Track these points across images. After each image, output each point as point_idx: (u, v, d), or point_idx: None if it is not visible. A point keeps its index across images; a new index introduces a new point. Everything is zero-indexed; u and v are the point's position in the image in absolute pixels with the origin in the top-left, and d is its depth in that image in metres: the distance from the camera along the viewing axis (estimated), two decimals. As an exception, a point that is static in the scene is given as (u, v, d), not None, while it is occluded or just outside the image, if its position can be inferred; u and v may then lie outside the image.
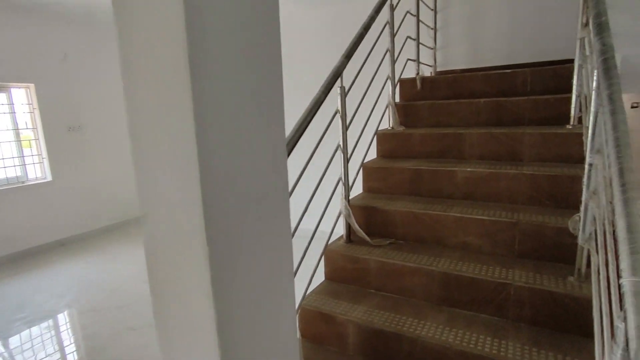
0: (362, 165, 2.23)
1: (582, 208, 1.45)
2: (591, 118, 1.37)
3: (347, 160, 1.89)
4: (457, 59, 3.38)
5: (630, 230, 0.81)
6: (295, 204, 1.11)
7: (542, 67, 2.43)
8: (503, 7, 3.12)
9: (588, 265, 1.48)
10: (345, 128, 1.85)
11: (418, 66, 2.84)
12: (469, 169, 1.97)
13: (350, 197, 2.05)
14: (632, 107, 3.81)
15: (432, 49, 3.28)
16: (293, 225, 1.56)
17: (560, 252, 1.61)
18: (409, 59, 2.79)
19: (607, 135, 1.04)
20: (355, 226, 1.90)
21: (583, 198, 1.43)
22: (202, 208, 0.63)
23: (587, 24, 1.99)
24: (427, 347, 1.44)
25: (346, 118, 1.85)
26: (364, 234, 1.92)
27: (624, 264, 0.77)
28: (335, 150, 1.85)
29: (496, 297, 1.53)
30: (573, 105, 2.06)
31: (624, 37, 2.55)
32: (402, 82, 2.79)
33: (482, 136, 2.14)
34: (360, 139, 2.12)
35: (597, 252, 1.43)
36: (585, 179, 1.41)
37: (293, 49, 4.07)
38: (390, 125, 2.52)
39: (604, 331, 1.09)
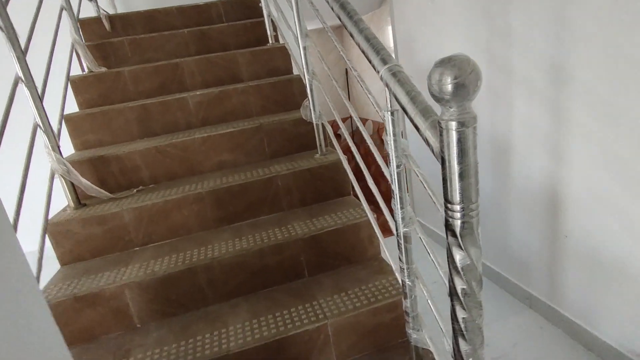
0: (64, 117, 1.70)
1: (307, 91, 1.62)
2: (293, 4, 1.50)
3: (39, 98, 1.36)
4: (138, 2, 3.03)
5: (367, 38, 0.91)
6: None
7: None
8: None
9: (325, 143, 1.70)
10: (22, 52, 1.31)
11: (97, 6, 2.38)
12: (199, 92, 1.85)
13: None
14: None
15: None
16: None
17: (303, 140, 1.78)
18: (82, -5, 2.28)
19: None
20: (84, 181, 1.44)
21: (307, 82, 1.60)
22: None
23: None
24: (225, 264, 1.29)
25: (18, 38, 1.30)
26: (100, 189, 1.49)
27: (375, 61, 0.87)
28: (15, 86, 1.29)
29: (268, 194, 1.54)
30: (267, 26, 2.27)
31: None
32: (83, 23, 2.27)
33: (199, 63, 2.04)
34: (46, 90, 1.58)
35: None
36: (303, 62, 1.57)
37: None
38: (86, 69, 2.02)
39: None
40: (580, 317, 1.82)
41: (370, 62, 0.89)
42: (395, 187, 0.92)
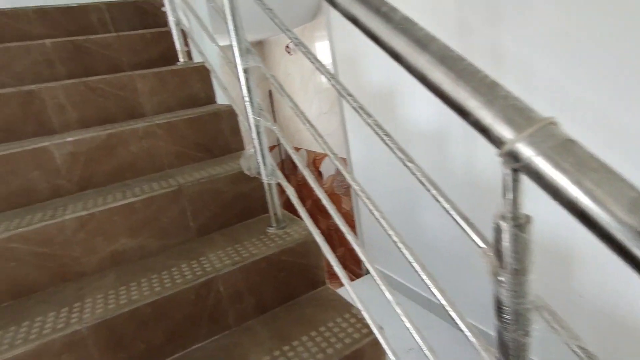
0: None
1: (254, 137, 1.07)
2: (227, 5, 0.95)
3: None
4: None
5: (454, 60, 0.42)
6: None
7: (119, 1, 1.85)
8: None
9: (284, 205, 1.16)
10: None
11: None
12: (70, 139, 1.17)
13: None
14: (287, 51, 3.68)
15: None
16: None
17: (245, 203, 1.22)
18: None
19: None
20: None
21: (251, 121, 1.05)
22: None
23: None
24: None
25: None
26: None
27: (490, 113, 0.38)
28: None
29: (205, 308, 0.94)
30: (176, 38, 1.65)
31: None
32: None
33: (72, 90, 1.34)
34: None
35: (289, 180, 1.11)
36: (245, 92, 1.03)
37: None
38: None
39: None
40: None
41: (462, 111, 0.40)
42: None
